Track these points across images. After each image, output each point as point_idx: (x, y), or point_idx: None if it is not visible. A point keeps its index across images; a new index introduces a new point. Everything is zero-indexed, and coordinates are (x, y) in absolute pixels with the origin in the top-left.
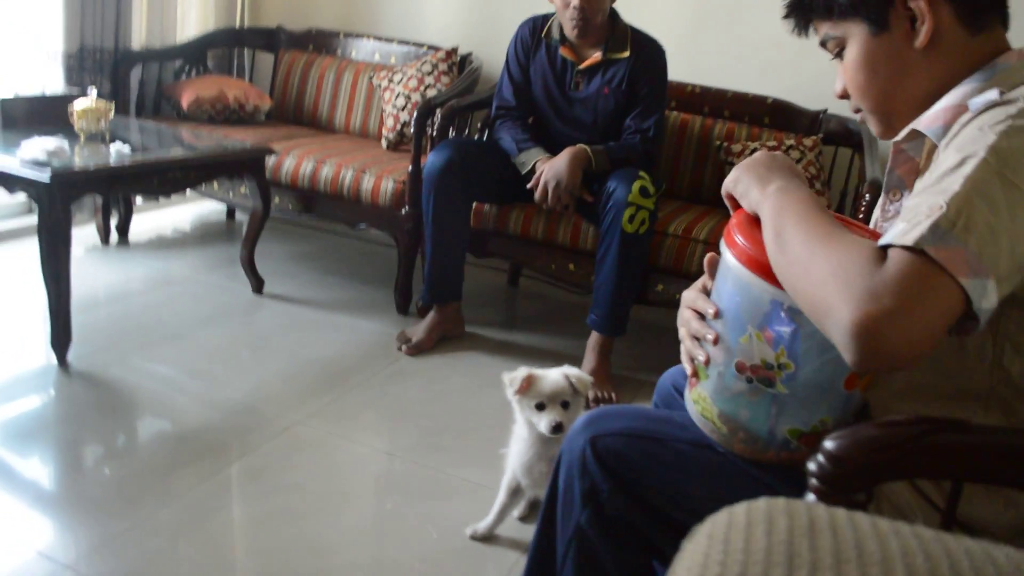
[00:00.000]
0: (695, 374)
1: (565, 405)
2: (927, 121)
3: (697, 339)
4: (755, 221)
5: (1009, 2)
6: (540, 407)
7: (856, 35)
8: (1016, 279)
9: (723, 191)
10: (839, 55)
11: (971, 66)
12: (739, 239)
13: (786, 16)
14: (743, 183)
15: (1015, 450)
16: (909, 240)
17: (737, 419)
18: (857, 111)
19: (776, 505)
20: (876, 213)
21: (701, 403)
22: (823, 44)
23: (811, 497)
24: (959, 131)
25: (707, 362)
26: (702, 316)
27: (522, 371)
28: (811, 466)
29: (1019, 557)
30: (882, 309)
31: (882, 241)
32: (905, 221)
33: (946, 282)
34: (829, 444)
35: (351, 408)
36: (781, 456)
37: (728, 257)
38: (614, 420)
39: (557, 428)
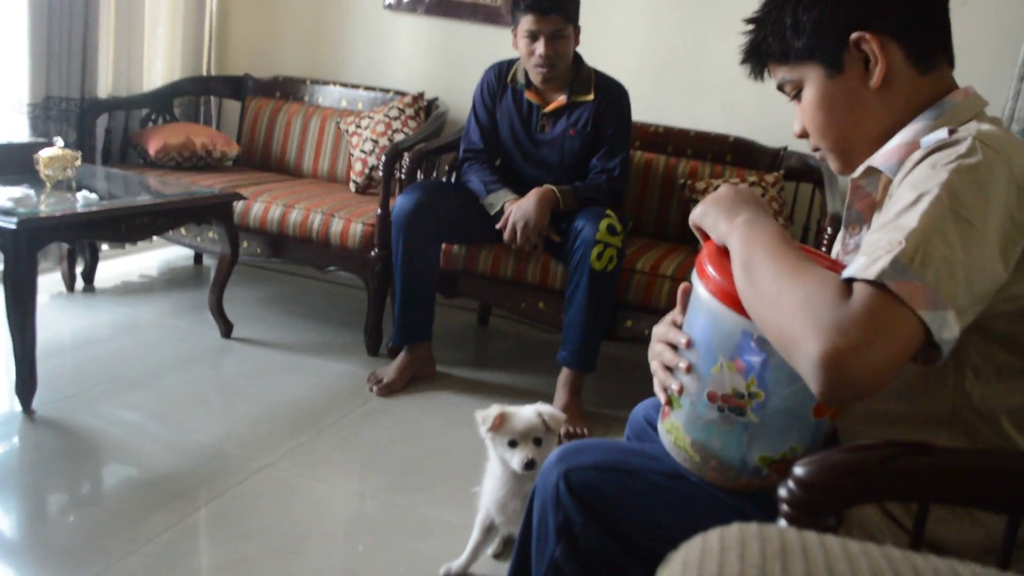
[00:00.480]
0: (668, 403)
1: (538, 442)
2: (883, 158)
3: (670, 370)
4: (725, 253)
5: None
6: (512, 444)
7: (812, 78)
8: (979, 309)
9: (691, 222)
10: (796, 97)
11: (922, 104)
12: (710, 271)
13: (743, 62)
14: (711, 216)
15: (978, 471)
16: (871, 274)
17: (709, 448)
18: (816, 149)
19: (748, 530)
20: (837, 247)
21: (674, 432)
22: (780, 88)
23: (783, 522)
24: (912, 168)
25: (680, 391)
26: (674, 348)
27: (494, 409)
28: (782, 492)
29: (984, 573)
30: (848, 343)
31: (845, 274)
32: (866, 255)
33: (906, 315)
34: (798, 470)
35: (322, 450)
36: (752, 483)
37: (700, 289)
38: (587, 453)
39: (529, 465)
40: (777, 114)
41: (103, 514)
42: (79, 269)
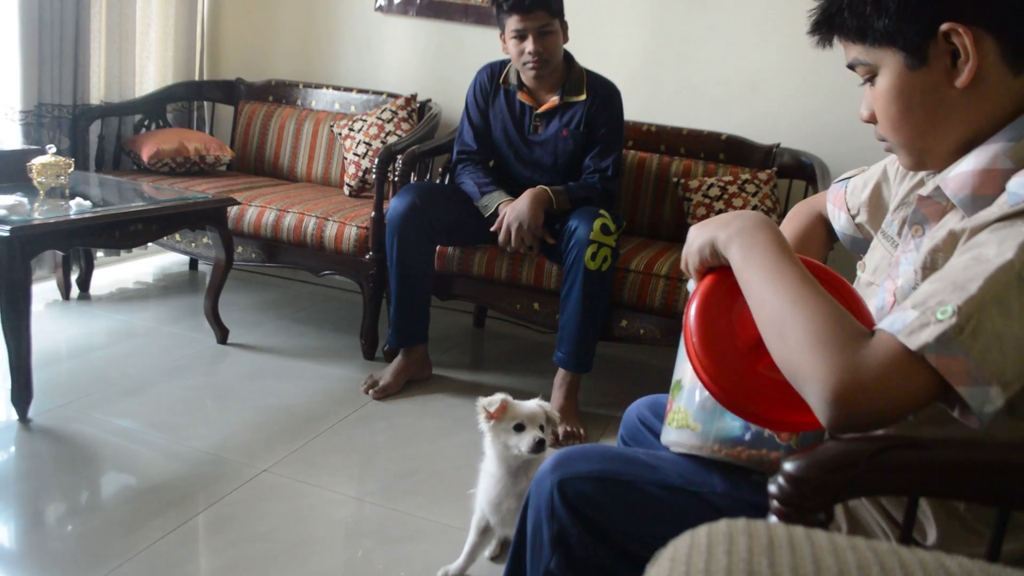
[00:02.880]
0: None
1: (542, 430)
2: (954, 185)
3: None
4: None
5: None
6: (519, 428)
7: (890, 65)
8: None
9: (685, 253)
10: (870, 80)
11: (1010, 111)
12: (691, 323)
13: (811, 32)
14: (704, 233)
15: (968, 464)
16: (914, 344)
17: (711, 429)
18: (883, 139)
19: (736, 526)
20: (892, 228)
21: (676, 418)
22: (851, 67)
23: (773, 519)
24: (1002, 223)
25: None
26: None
27: (498, 396)
28: (772, 488)
29: (971, 565)
30: (860, 384)
31: (887, 327)
32: (916, 308)
33: (934, 383)
34: (788, 465)
35: (319, 454)
36: (752, 455)
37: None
38: (581, 462)
39: (539, 446)
40: (768, 111)
41: (100, 522)
42: (74, 276)
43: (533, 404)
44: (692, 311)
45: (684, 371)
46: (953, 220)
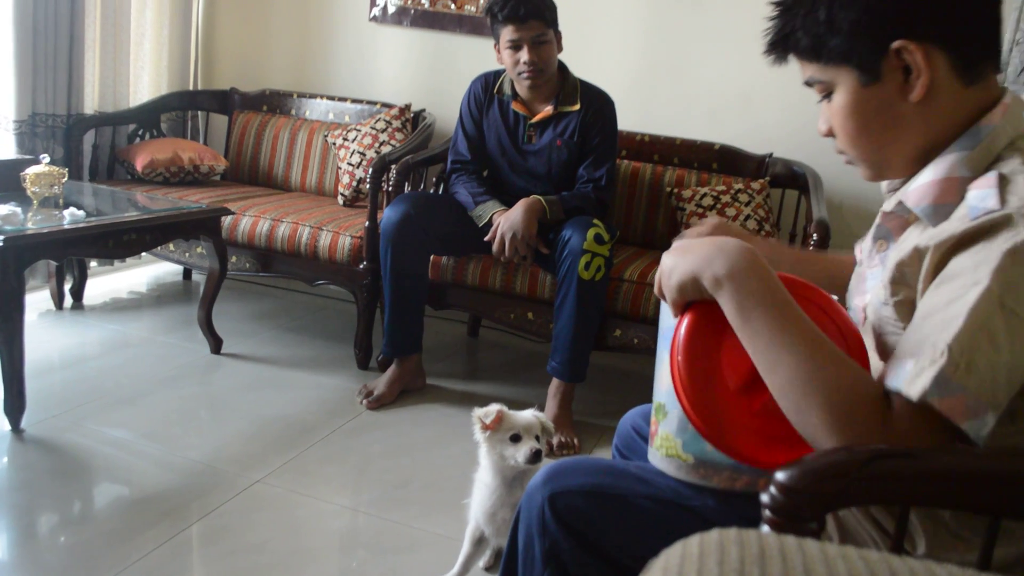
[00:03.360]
0: (656, 417)
1: (537, 440)
2: (915, 197)
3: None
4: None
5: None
6: (515, 439)
7: (845, 82)
8: (1013, 393)
9: (672, 293)
10: (826, 97)
11: (963, 120)
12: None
13: (766, 52)
14: (680, 269)
15: (959, 473)
16: (915, 393)
17: (703, 453)
18: (842, 152)
19: (728, 535)
20: (858, 254)
21: (665, 444)
22: (808, 84)
23: (765, 528)
24: (969, 250)
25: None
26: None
27: (494, 407)
28: (764, 498)
29: (960, 573)
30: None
31: (892, 384)
32: (911, 357)
33: (944, 425)
34: (780, 475)
35: (313, 464)
36: (746, 482)
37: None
38: (573, 476)
39: (536, 456)
40: (761, 121)
41: (94, 533)
42: (67, 287)
43: (529, 414)
44: (678, 351)
45: (666, 392)
46: (916, 234)
